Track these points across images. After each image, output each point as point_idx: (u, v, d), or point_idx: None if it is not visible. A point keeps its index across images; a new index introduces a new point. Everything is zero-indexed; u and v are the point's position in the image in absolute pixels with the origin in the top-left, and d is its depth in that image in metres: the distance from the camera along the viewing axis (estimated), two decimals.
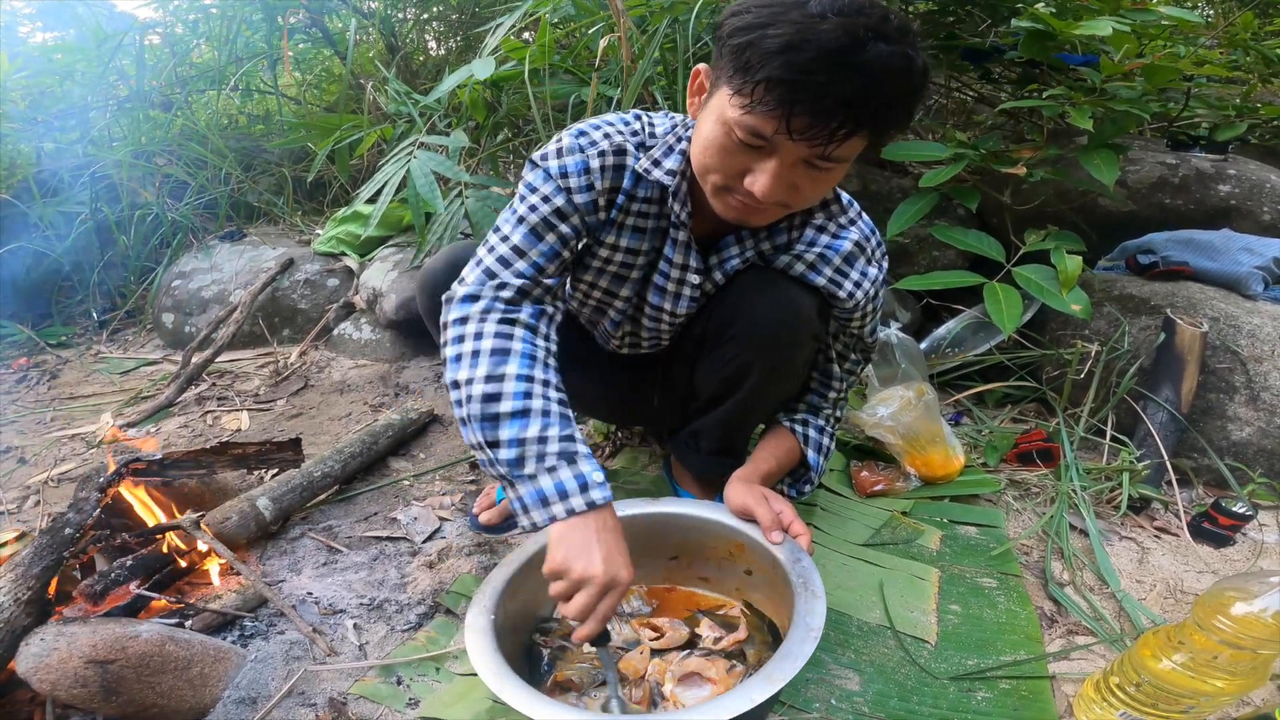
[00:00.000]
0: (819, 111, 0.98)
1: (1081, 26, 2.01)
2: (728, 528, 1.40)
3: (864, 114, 1.00)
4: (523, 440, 1.14)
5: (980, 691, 1.31)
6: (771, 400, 1.57)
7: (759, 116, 1.02)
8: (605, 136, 1.29)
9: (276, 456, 1.85)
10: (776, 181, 1.08)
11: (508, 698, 1.06)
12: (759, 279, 1.39)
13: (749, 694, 1.01)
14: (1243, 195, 2.51)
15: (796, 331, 1.40)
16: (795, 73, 0.96)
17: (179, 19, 4.29)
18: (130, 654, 1.23)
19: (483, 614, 1.23)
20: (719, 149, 1.11)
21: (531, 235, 1.27)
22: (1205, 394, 1.99)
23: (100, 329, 3.64)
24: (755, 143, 1.06)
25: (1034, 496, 1.91)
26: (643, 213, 1.34)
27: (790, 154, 1.06)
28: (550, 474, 1.14)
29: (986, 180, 2.47)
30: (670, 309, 1.45)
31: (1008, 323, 1.99)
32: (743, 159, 1.10)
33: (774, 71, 0.97)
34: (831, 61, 0.95)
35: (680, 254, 1.37)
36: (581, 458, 1.17)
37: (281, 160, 4.15)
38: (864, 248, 1.40)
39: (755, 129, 1.04)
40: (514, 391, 1.16)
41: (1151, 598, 1.56)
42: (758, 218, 1.21)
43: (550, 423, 1.16)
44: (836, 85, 0.96)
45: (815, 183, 1.13)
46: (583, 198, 1.28)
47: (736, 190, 1.13)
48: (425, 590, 1.59)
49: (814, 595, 1.18)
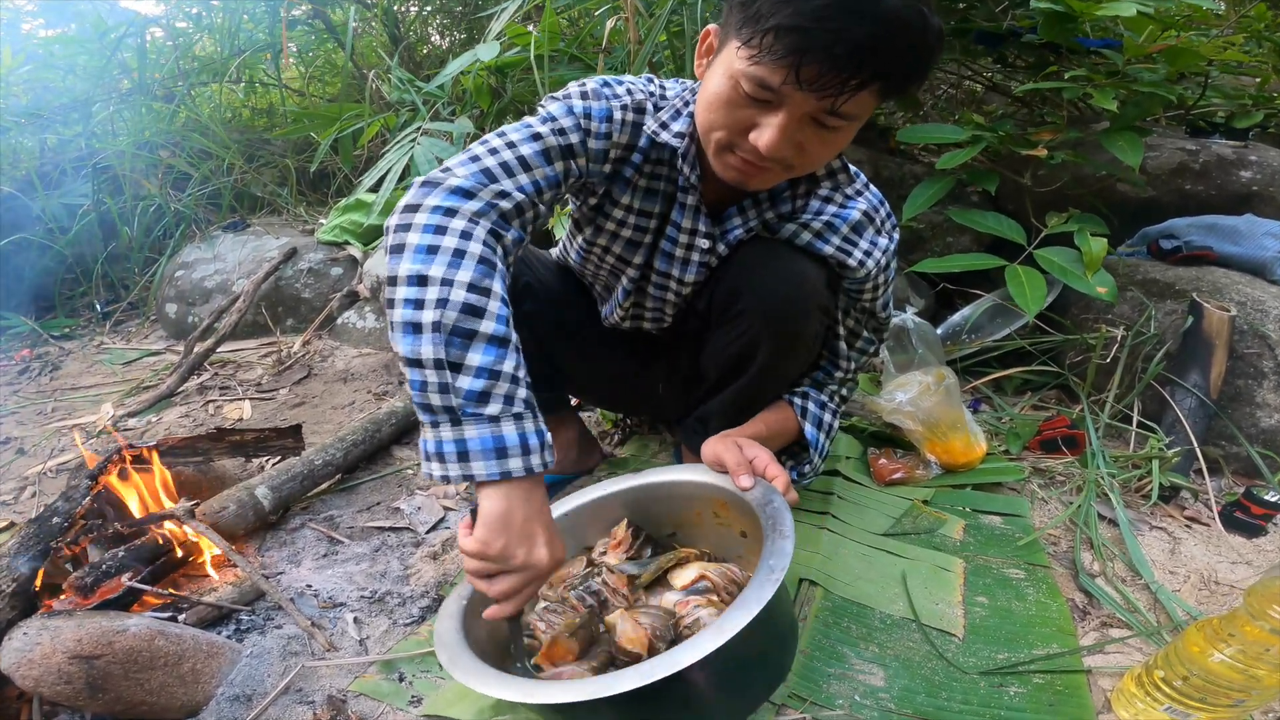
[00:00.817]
0: (830, 59, 0.95)
1: (1104, 7, 1.96)
2: (705, 485, 1.34)
3: (877, 63, 0.97)
4: (496, 373, 0.99)
5: (1013, 686, 1.24)
6: (780, 379, 1.51)
7: (767, 66, 0.98)
8: (629, 92, 1.27)
9: (276, 444, 1.80)
10: (782, 135, 1.05)
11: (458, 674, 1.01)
12: (764, 250, 1.35)
13: (701, 644, 0.93)
14: (1265, 181, 2.46)
15: (804, 303, 1.35)
16: (806, 19, 0.93)
17: (182, 12, 4.27)
18: (117, 649, 1.17)
19: (455, 599, 1.18)
20: (724, 103, 1.07)
21: (542, 155, 1.16)
22: (1233, 380, 1.93)
23: (103, 320, 3.62)
24: (762, 95, 1.03)
25: (1059, 485, 1.85)
26: (655, 174, 1.31)
27: (798, 107, 1.02)
28: (516, 421, 1.00)
29: (1004, 164, 2.42)
30: (678, 275, 1.40)
31: (1031, 305, 1.93)
32: (748, 113, 1.06)
33: (784, 19, 0.94)
34: (844, 8, 0.92)
35: (689, 218, 1.33)
36: (532, 414, 1.04)
37: (285, 151, 4.13)
38: (873, 217, 1.36)
39: (762, 79, 1.00)
40: (498, 314, 1.01)
41: (1186, 589, 1.50)
42: (759, 179, 1.16)
43: (522, 363, 1.04)
44: (849, 32, 0.93)
45: (823, 143, 1.09)
46: (597, 144, 1.23)
47: (740, 147, 1.10)
48: (429, 582, 1.53)
49: (781, 535, 1.09)
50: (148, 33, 4.16)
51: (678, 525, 1.41)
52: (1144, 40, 2.04)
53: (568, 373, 1.71)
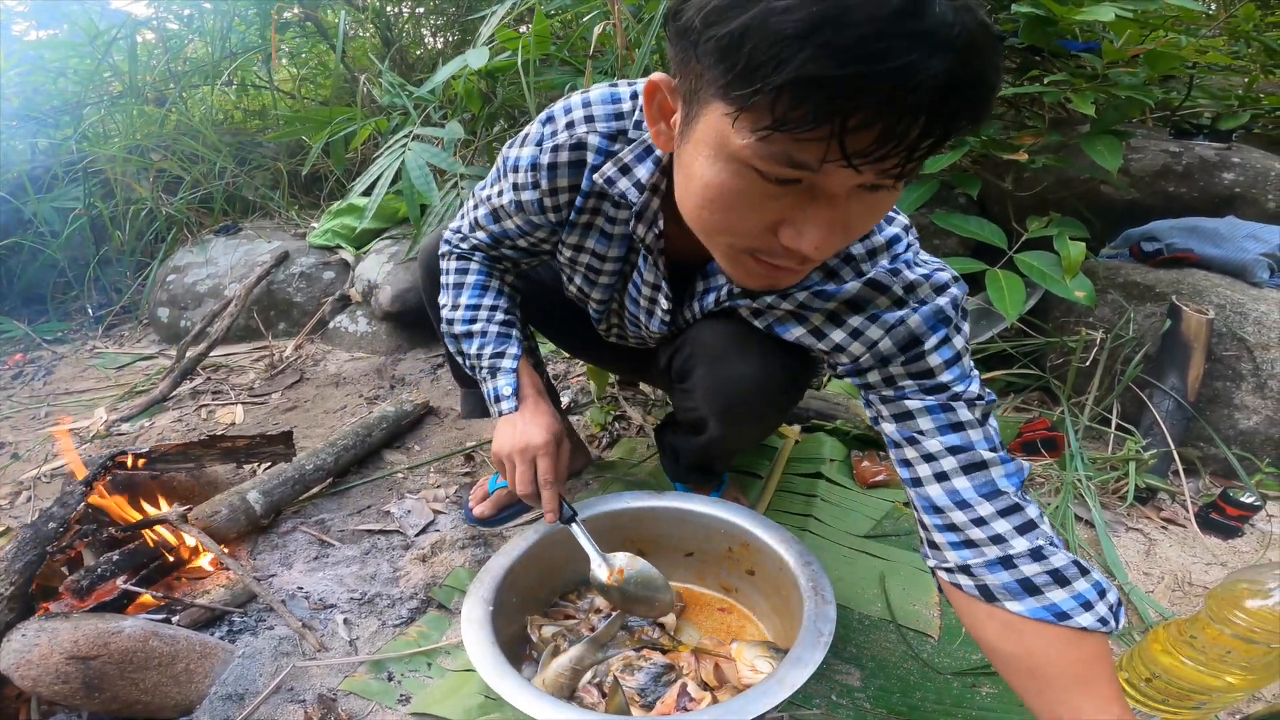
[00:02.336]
0: (892, 116, 0.62)
1: (1083, 11, 1.98)
2: (734, 525, 1.38)
3: (961, 104, 0.64)
4: (467, 355, 1.41)
5: (985, 686, 1.28)
6: (741, 446, 1.59)
7: (790, 141, 0.66)
8: (568, 127, 1.08)
9: (267, 450, 1.82)
10: (833, 229, 0.75)
11: (505, 693, 1.04)
12: (720, 338, 1.21)
13: (760, 699, 0.99)
14: (1247, 183, 2.48)
15: (752, 404, 1.26)
16: (841, 62, 0.59)
17: (173, 15, 4.27)
18: (113, 650, 1.20)
19: (479, 605, 1.21)
20: (731, 200, 0.76)
21: (491, 216, 1.31)
22: (1211, 382, 1.96)
23: (96, 324, 3.62)
24: (791, 176, 0.70)
25: (1038, 487, 1.88)
26: (612, 218, 1.16)
27: (843, 183, 0.70)
28: (484, 384, 1.39)
29: (987, 168, 2.44)
30: (645, 323, 1.31)
31: (1010, 310, 1.96)
32: (773, 208, 0.75)
33: (806, 66, 0.60)
34: (895, 34, 0.59)
35: (650, 273, 1.19)
36: (501, 373, 1.37)
37: (277, 154, 4.13)
38: (884, 286, 1.02)
39: (791, 159, 0.68)
40: (463, 318, 1.39)
41: (1159, 590, 1.53)
42: (793, 280, 0.88)
43: (485, 342, 1.37)
44: (913, 68, 0.60)
45: (873, 210, 0.76)
46: (528, 195, 1.15)
47: (768, 251, 0.81)
48: (418, 584, 1.56)
49: (825, 601, 1.16)
50: (139, 35, 4.16)
51: (696, 549, 1.46)
52: (1123, 43, 2.06)
53: (569, 344, 1.84)
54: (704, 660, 1.27)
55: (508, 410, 1.35)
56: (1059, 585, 0.92)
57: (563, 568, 1.43)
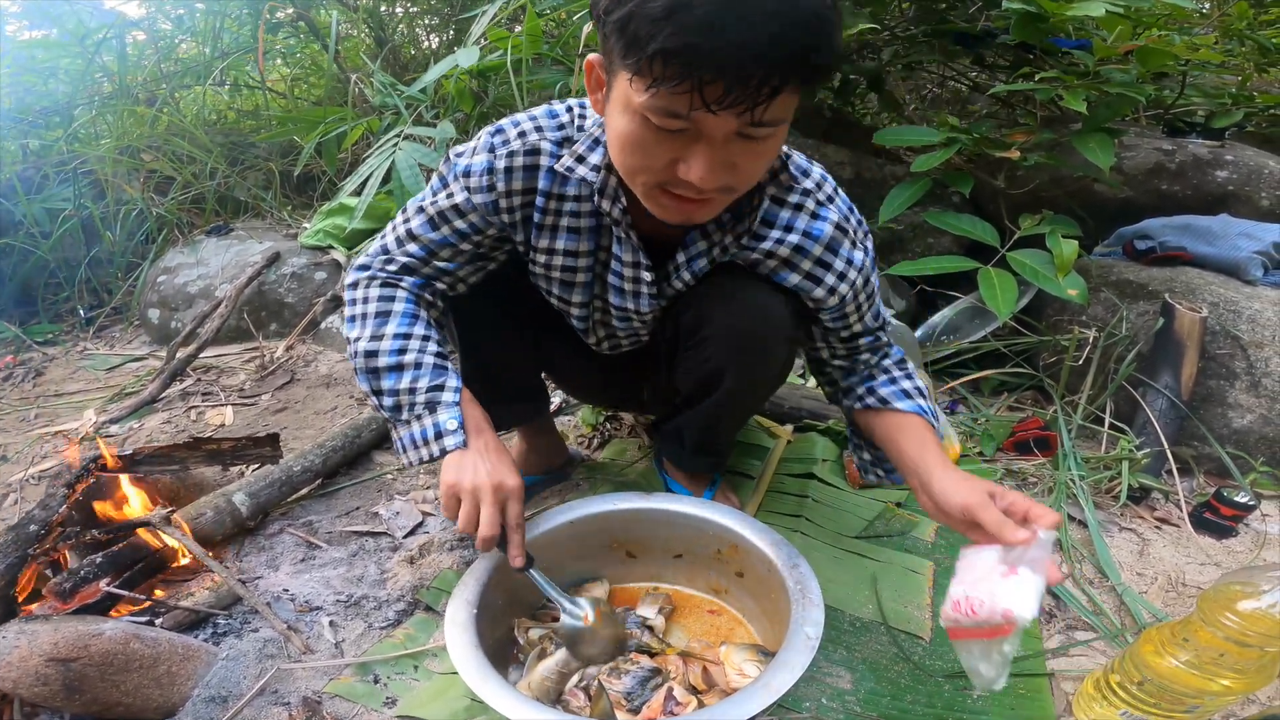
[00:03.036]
0: (731, 73, 0.83)
1: (1074, 8, 1.98)
2: (721, 527, 1.38)
3: (785, 62, 0.84)
4: (397, 391, 1.25)
5: (976, 690, 1.26)
6: (749, 399, 1.53)
7: (667, 95, 0.87)
8: (520, 135, 1.22)
9: (253, 452, 1.80)
10: (713, 164, 0.95)
11: (487, 696, 1.03)
12: (729, 281, 1.29)
13: (745, 704, 0.98)
14: (1240, 181, 2.48)
15: (769, 338, 1.32)
16: (692, 35, 0.81)
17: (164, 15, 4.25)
18: (93, 652, 1.19)
19: (464, 608, 1.20)
20: (637, 143, 0.97)
21: (428, 224, 1.30)
22: (1205, 381, 1.95)
23: (87, 326, 3.60)
24: (674, 125, 0.92)
25: (1031, 487, 1.87)
26: (575, 212, 1.25)
27: (717, 129, 0.91)
28: (418, 421, 1.25)
29: (980, 166, 2.43)
30: (634, 308, 1.34)
31: (1003, 308, 1.95)
32: (667, 147, 0.95)
33: (666, 40, 0.82)
34: (730, 12, 0.80)
35: (628, 252, 1.26)
36: (443, 406, 1.25)
37: (269, 154, 4.11)
38: (845, 229, 1.26)
39: (668, 109, 0.90)
40: (390, 349, 1.25)
41: (1153, 591, 1.52)
42: (703, 212, 1.06)
43: (420, 375, 1.25)
44: (742, 36, 0.81)
45: (757, 155, 0.98)
46: (481, 198, 1.24)
47: (673, 185, 1.00)
48: (405, 586, 1.55)
49: (812, 603, 1.16)
50: (129, 35, 4.14)
51: (685, 550, 1.45)
52: (1114, 40, 2.05)
53: (560, 374, 1.78)
54: (692, 663, 1.26)
55: (454, 446, 1.23)
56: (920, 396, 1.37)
57: (550, 570, 1.41)
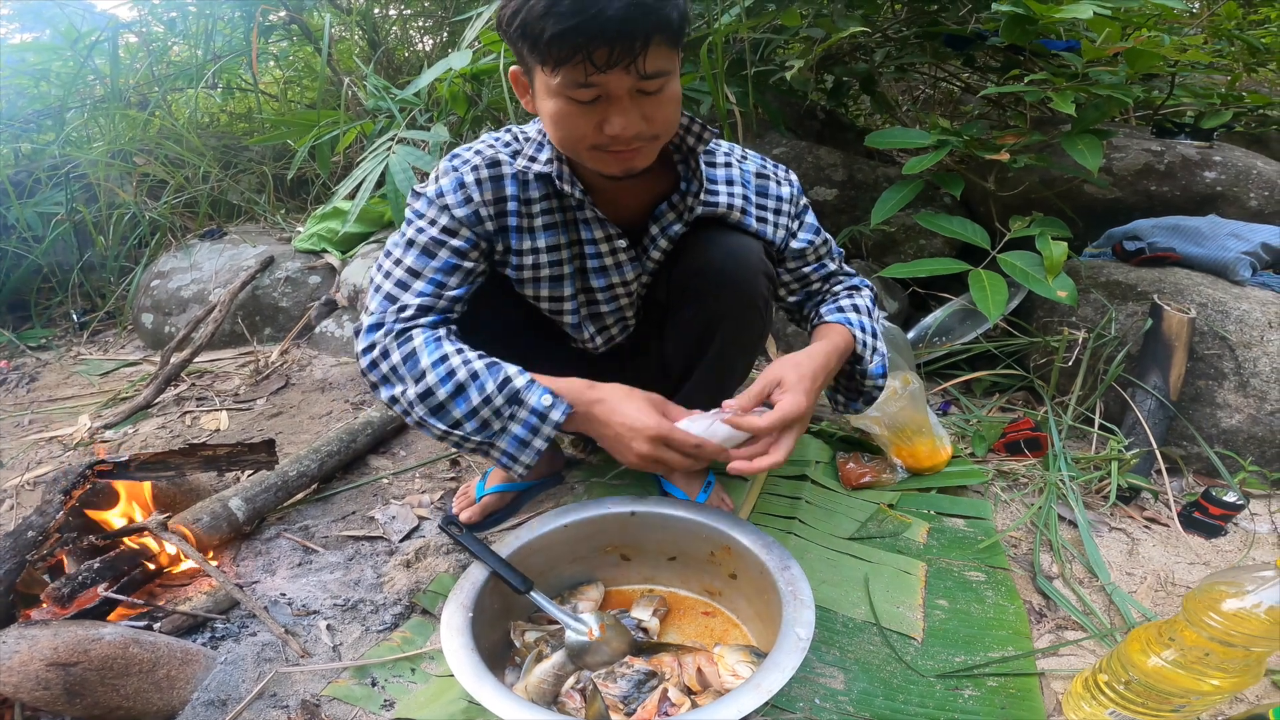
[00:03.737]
0: (606, 39, 1.04)
1: (1062, 10, 1.99)
2: (714, 530, 1.39)
3: (644, 19, 1.05)
4: (474, 410, 1.21)
5: (967, 689, 1.28)
6: (741, 353, 1.56)
7: (570, 71, 1.09)
8: (477, 153, 1.35)
9: (248, 458, 1.80)
10: (627, 115, 1.14)
11: (482, 699, 1.04)
12: (706, 234, 1.42)
13: (735, 705, 0.99)
14: (1229, 181, 2.50)
15: (751, 267, 1.41)
16: (566, 18, 1.03)
17: (157, 17, 4.24)
18: (93, 656, 1.21)
19: (460, 611, 1.21)
20: (566, 117, 1.16)
21: (423, 255, 1.31)
22: (1194, 381, 1.97)
23: (80, 330, 3.59)
24: (586, 95, 1.12)
25: (1022, 487, 1.88)
26: (546, 209, 1.37)
27: (618, 86, 1.11)
28: (513, 421, 1.23)
29: (971, 168, 2.45)
30: (619, 280, 1.46)
31: (993, 310, 1.96)
32: (590, 115, 1.15)
33: (552, 29, 1.04)
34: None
35: (597, 229, 1.39)
36: (526, 391, 1.22)
37: (263, 158, 4.11)
38: (766, 174, 1.48)
39: (575, 82, 1.10)
40: (439, 379, 1.21)
41: (1142, 590, 1.54)
42: (639, 159, 1.22)
43: (483, 381, 1.22)
44: (606, 9, 1.02)
45: (661, 104, 1.17)
46: (463, 211, 1.32)
47: (605, 145, 1.18)
48: (401, 590, 1.55)
49: (803, 605, 1.17)
50: (121, 38, 4.13)
51: (679, 553, 1.46)
52: (1103, 42, 2.07)
53: None
54: (687, 664, 1.27)
55: (562, 415, 1.22)
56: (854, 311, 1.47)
57: (546, 574, 1.43)
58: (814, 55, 2.42)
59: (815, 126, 3.20)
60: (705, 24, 2.58)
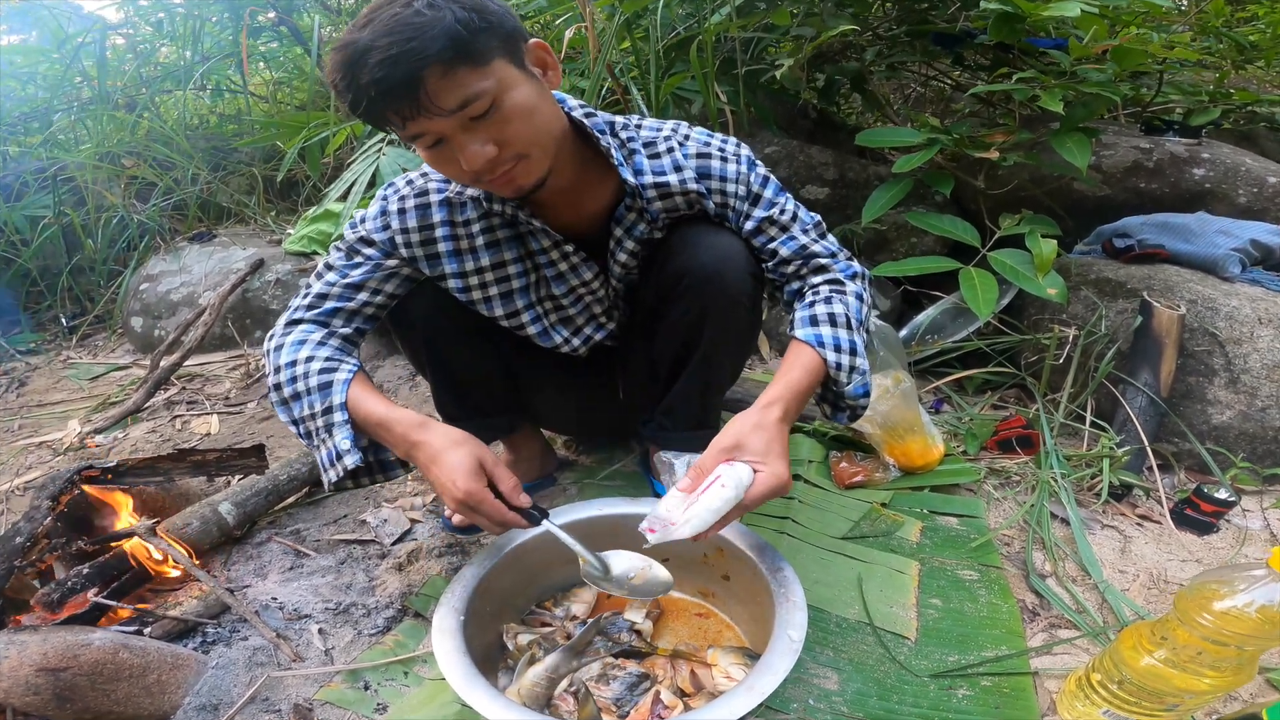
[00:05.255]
0: (395, 97, 1.06)
1: (1050, 8, 1.99)
2: None
3: (403, 68, 1.04)
4: (302, 419, 1.30)
5: (961, 689, 1.28)
6: (730, 354, 1.55)
7: (395, 129, 1.14)
8: (408, 183, 1.42)
9: (238, 463, 1.80)
10: (467, 150, 1.14)
11: (474, 702, 1.03)
12: (690, 234, 1.42)
13: (728, 707, 0.99)
14: (1217, 178, 2.50)
15: (737, 266, 1.41)
16: (357, 90, 1.06)
17: (144, 19, 4.23)
18: (83, 662, 1.20)
19: (451, 615, 1.21)
20: (433, 163, 1.21)
21: (343, 255, 1.41)
22: (1184, 377, 1.97)
23: (69, 334, 3.58)
24: (426, 143, 1.15)
25: (1014, 485, 1.89)
26: (486, 228, 1.41)
27: (440, 128, 1.12)
28: (324, 445, 1.29)
29: (962, 166, 2.45)
30: (579, 282, 1.48)
31: (984, 308, 1.96)
32: (446, 154, 1.17)
33: (351, 101, 1.09)
34: (353, 64, 1.05)
35: (543, 238, 1.41)
36: (338, 427, 1.26)
37: (253, 160, 4.10)
38: (708, 153, 1.41)
39: (408, 136, 1.14)
40: (287, 379, 1.29)
41: (1135, 588, 1.54)
42: (524, 178, 1.22)
43: (313, 399, 1.27)
44: (377, 75, 1.04)
45: (503, 124, 1.14)
46: (379, 235, 1.39)
47: (480, 176, 1.19)
48: (394, 593, 1.55)
49: (795, 606, 1.17)
50: (109, 40, 4.11)
51: (672, 554, 1.43)
52: (1091, 40, 2.07)
53: (533, 402, 1.77)
54: (680, 666, 1.27)
55: (353, 464, 1.24)
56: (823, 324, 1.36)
57: (539, 575, 1.43)
58: (804, 54, 2.41)
59: (807, 125, 3.20)
60: (696, 23, 2.58)
